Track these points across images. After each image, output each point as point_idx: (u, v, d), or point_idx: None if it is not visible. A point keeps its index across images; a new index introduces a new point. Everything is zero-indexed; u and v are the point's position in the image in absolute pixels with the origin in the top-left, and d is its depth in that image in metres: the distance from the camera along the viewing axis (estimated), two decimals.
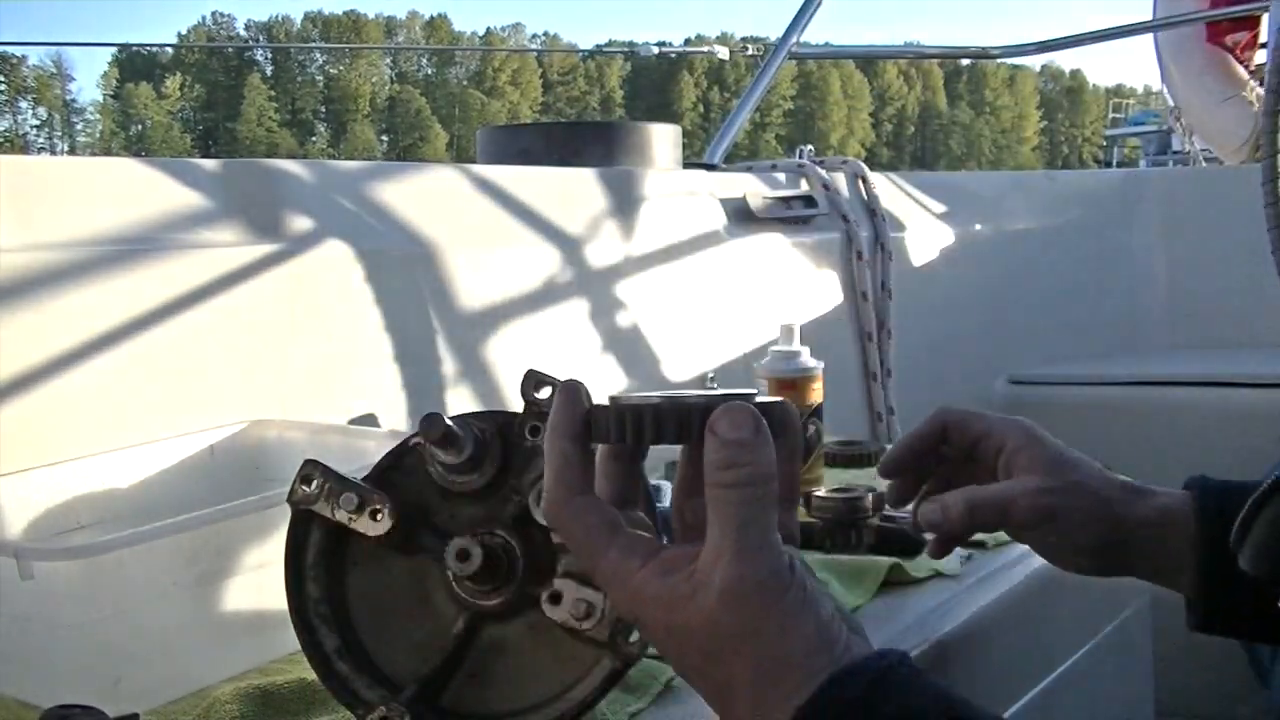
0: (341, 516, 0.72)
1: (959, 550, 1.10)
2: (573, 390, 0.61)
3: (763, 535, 0.56)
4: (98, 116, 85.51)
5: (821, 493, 1.12)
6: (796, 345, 1.35)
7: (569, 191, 1.71)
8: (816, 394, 1.34)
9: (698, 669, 0.58)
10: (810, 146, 2.25)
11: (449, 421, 0.71)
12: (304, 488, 0.72)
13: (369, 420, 1.31)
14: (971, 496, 0.80)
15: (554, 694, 0.71)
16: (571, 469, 0.60)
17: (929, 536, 1.06)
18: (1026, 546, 1.14)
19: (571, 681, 0.71)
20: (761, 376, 1.35)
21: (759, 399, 0.61)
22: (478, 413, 0.75)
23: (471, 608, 0.72)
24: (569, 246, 1.63)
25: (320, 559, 0.74)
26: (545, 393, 0.73)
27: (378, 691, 0.71)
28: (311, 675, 0.75)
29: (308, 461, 0.73)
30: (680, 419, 0.58)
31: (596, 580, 0.62)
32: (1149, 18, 4.44)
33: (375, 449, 0.91)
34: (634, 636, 0.70)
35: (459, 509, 0.74)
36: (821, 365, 1.35)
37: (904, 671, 0.56)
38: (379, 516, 0.71)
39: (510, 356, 1.50)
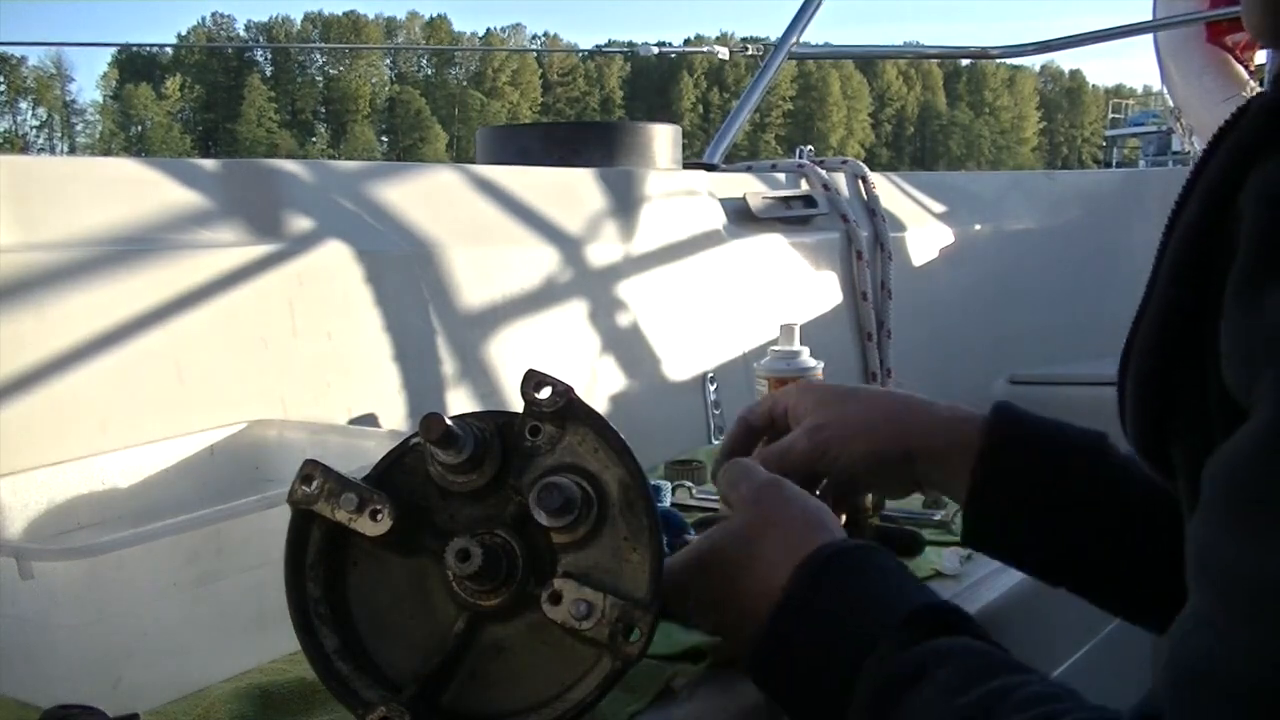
0: (341, 516, 0.72)
1: (959, 550, 1.11)
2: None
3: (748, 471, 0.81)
4: (97, 117, 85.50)
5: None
6: (797, 345, 1.35)
7: (569, 191, 1.71)
8: None
9: (746, 563, 0.75)
10: (810, 147, 2.25)
11: (449, 421, 0.71)
12: (304, 488, 0.72)
13: (369, 420, 1.31)
14: (758, 455, 0.87)
15: (554, 694, 0.71)
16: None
17: (928, 537, 1.06)
18: None
19: (571, 682, 0.71)
20: (762, 376, 1.35)
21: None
22: (478, 413, 0.75)
23: (471, 608, 0.72)
24: (569, 246, 1.62)
25: (320, 559, 0.73)
26: (545, 393, 0.73)
27: (378, 691, 0.71)
28: (311, 675, 0.75)
29: (308, 461, 0.73)
30: None
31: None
32: (1149, 18, 4.44)
33: (375, 449, 0.91)
34: (634, 636, 0.69)
35: (459, 509, 0.74)
36: (821, 365, 1.35)
37: (875, 552, 0.73)
38: (379, 517, 0.71)
39: (510, 356, 1.50)
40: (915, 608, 0.66)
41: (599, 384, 1.62)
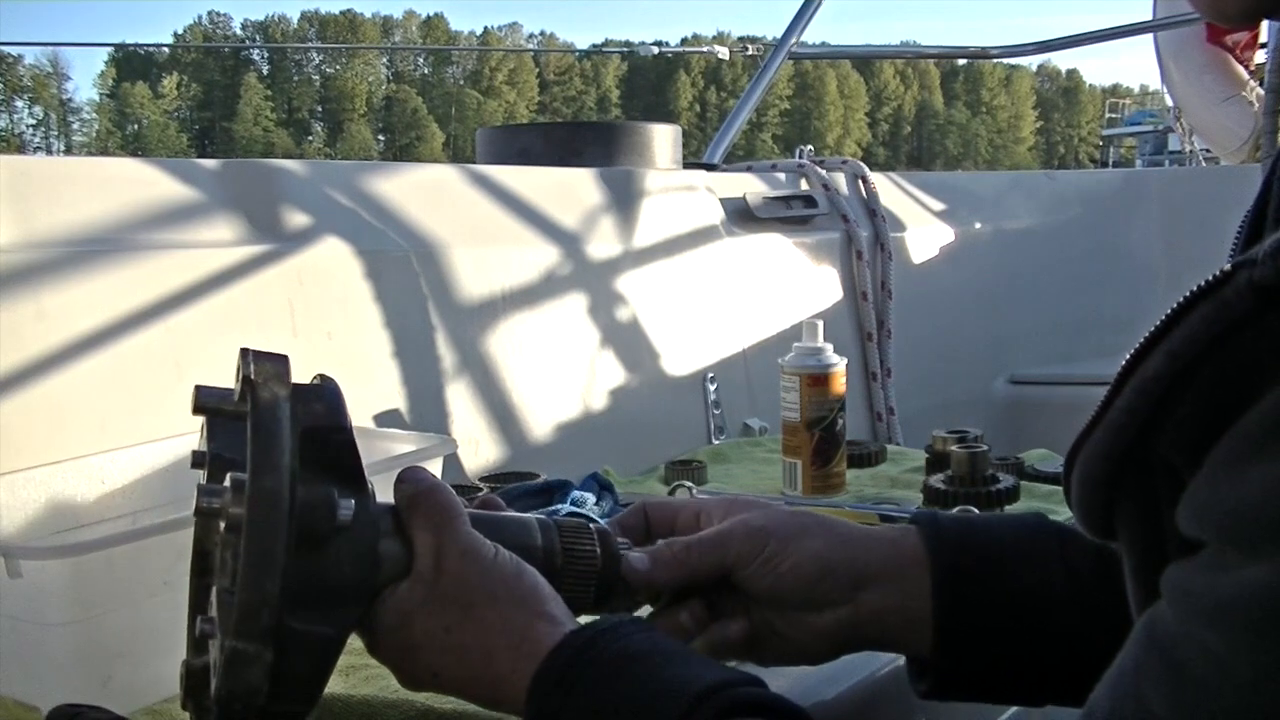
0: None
1: None
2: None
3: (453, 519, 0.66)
4: (94, 116, 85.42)
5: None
6: (820, 342, 1.37)
7: (569, 191, 1.70)
8: (841, 386, 1.37)
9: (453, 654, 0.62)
10: (810, 146, 2.25)
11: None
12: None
13: (369, 419, 1.31)
14: (689, 538, 0.73)
15: None
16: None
17: None
18: None
19: None
20: (790, 372, 1.36)
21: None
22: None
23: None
24: (569, 246, 1.62)
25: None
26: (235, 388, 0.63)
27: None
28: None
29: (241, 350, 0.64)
30: None
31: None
32: (1149, 18, 4.44)
33: (374, 448, 0.90)
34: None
35: None
36: (845, 361, 1.38)
37: (630, 626, 0.62)
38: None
39: (511, 356, 1.49)
40: (700, 690, 0.56)
41: (599, 383, 1.62)
